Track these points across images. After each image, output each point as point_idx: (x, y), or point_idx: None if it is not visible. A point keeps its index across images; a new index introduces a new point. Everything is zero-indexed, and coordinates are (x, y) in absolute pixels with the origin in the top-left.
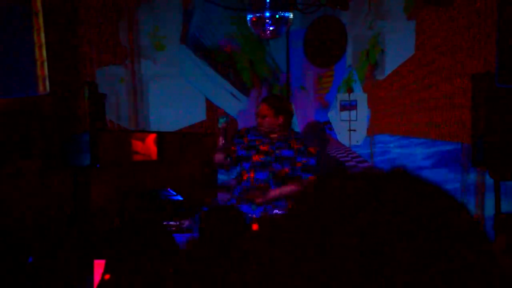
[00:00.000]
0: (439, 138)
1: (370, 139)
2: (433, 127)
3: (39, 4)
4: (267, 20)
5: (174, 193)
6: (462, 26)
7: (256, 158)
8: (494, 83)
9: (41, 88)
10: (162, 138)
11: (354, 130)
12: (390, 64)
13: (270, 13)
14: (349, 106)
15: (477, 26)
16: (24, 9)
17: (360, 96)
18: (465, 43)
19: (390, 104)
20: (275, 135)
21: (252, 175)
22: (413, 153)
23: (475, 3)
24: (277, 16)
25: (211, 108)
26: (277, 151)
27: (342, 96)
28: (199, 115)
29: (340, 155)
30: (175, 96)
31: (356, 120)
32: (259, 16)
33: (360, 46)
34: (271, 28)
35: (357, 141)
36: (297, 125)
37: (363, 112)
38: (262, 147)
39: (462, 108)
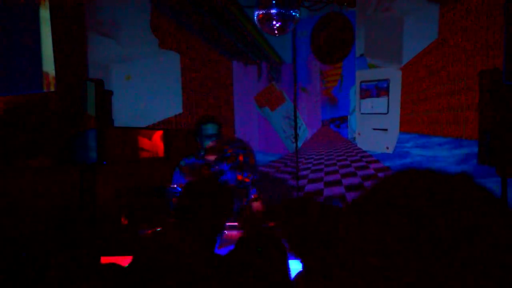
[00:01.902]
0: (466, 137)
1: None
2: (460, 124)
3: (46, 3)
4: (274, 17)
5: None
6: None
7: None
8: (501, 80)
9: (47, 85)
10: (169, 135)
11: (385, 130)
12: (410, 50)
13: (276, 10)
14: (376, 89)
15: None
16: (31, 7)
17: (393, 73)
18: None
19: (404, 96)
20: (213, 156)
21: None
22: (437, 155)
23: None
24: (284, 13)
25: (189, 100)
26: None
27: (365, 73)
28: (174, 107)
29: (349, 154)
30: (146, 86)
31: (387, 112)
32: (265, 13)
33: (374, 29)
34: (278, 25)
35: (387, 148)
36: (302, 120)
37: (397, 98)
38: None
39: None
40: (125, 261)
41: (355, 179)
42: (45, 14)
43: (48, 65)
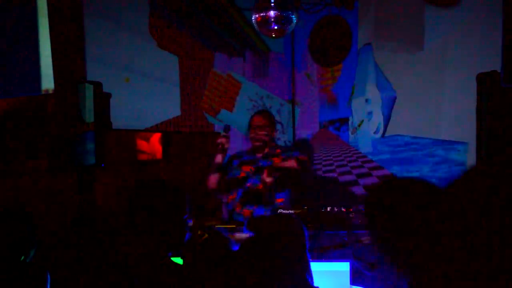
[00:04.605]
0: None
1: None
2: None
3: (43, 4)
4: (272, 20)
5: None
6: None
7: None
8: (499, 83)
9: (45, 87)
10: (167, 137)
11: None
12: (433, 30)
13: (275, 12)
14: None
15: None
16: (29, 9)
17: None
18: None
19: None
20: (260, 153)
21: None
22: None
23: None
24: (282, 15)
25: (185, 102)
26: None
27: None
28: (172, 110)
29: (349, 159)
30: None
31: None
32: (263, 15)
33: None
34: (276, 28)
35: None
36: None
37: None
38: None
39: None
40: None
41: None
42: (43, 16)
43: (46, 68)
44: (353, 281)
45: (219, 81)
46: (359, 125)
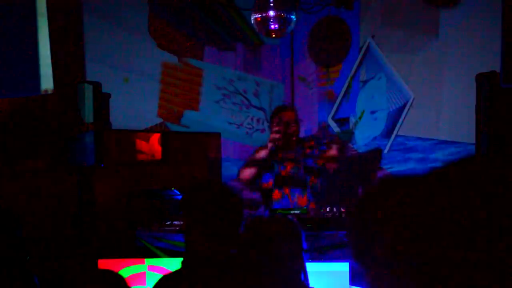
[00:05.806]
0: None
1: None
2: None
3: (43, 3)
4: (271, 20)
5: (179, 193)
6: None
7: (284, 173)
8: (498, 83)
9: (45, 87)
10: (167, 137)
11: None
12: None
13: (274, 12)
14: None
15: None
16: (28, 8)
17: None
18: None
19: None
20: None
21: (287, 191)
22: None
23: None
24: (281, 15)
25: (164, 107)
26: (302, 161)
27: None
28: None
29: None
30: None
31: None
32: (263, 15)
33: None
34: (275, 28)
35: None
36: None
37: None
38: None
39: None
40: (121, 264)
41: None
42: (42, 16)
43: (46, 67)
44: (352, 282)
45: (175, 74)
46: (359, 118)
